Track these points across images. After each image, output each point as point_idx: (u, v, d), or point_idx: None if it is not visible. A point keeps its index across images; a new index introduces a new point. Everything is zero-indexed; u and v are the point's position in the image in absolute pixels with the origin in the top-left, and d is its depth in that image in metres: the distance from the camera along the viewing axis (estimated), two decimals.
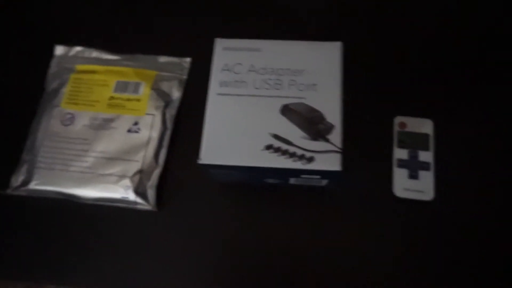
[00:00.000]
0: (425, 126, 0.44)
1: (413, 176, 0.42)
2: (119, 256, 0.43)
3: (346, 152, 0.45)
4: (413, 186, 0.42)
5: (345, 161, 0.44)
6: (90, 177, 0.44)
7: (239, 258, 0.42)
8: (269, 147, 0.35)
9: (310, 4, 0.53)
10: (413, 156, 0.43)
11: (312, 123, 0.36)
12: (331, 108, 0.36)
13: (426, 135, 0.44)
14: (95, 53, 0.51)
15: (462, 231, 0.42)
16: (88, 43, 0.51)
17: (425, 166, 0.42)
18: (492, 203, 0.42)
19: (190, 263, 0.42)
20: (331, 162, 0.35)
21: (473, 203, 0.43)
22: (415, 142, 0.43)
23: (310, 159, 0.35)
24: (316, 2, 0.53)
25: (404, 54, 0.49)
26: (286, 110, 0.36)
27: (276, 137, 0.36)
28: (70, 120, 0.46)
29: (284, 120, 0.36)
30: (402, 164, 0.43)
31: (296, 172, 0.37)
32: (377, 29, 0.51)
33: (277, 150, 0.35)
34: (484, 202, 0.43)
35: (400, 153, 0.43)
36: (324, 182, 0.41)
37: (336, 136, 0.35)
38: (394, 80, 0.48)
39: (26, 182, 0.44)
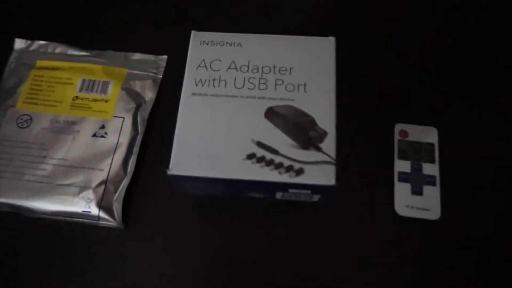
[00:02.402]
0: (430, 135, 0.39)
1: (417, 191, 0.37)
2: (79, 280, 0.37)
3: (340, 163, 0.40)
4: (417, 203, 0.37)
5: (339, 174, 0.39)
6: (47, 187, 0.38)
7: (216, 283, 0.36)
8: (251, 156, 0.30)
9: None
10: (417, 169, 0.38)
11: (301, 129, 0.31)
12: (324, 112, 0.31)
13: (430, 145, 0.39)
14: (59, 48, 0.45)
15: (471, 254, 0.36)
16: (53, 37, 0.46)
17: (430, 180, 0.37)
18: (506, 223, 0.37)
19: (161, 287, 0.36)
20: (323, 175, 0.30)
21: (484, 222, 0.37)
22: (418, 152, 0.38)
23: (299, 171, 0.30)
24: None
25: (404, 51, 0.45)
26: (272, 114, 0.31)
27: (260, 144, 0.30)
28: (27, 122, 0.41)
29: (269, 125, 0.31)
30: (404, 177, 0.38)
31: (283, 186, 0.31)
32: (373, 24, 0.46)
33: (261, 160, 0.30)
34: (497, 221, 0.37)
35: (401, 165, 0.38)
36: (316, 197, 0.35)
37: (329, 145, 0.30)
38: (394, 82, 0.43)
39: None
